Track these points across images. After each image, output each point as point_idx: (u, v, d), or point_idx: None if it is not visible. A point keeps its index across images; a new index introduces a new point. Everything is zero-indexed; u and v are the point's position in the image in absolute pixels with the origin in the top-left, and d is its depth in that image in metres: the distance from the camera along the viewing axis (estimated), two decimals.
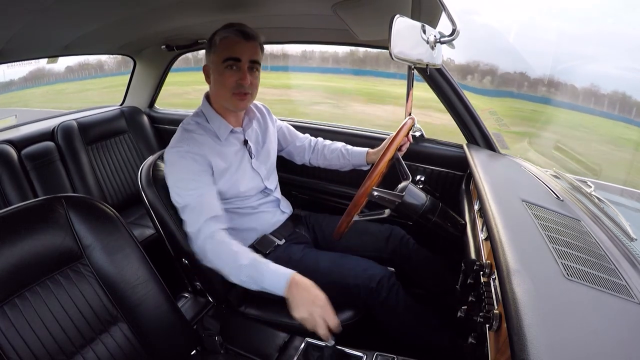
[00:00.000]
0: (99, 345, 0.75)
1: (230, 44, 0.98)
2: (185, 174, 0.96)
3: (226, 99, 1.03)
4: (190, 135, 1.01)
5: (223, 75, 0.99)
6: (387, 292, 1.00)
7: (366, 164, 1.29)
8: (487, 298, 0.67)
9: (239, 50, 0.98)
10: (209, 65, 1.03)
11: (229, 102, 1.04)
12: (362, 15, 1.06)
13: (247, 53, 0.99)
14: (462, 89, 1.35)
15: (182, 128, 1.04)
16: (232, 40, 0.97)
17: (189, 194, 0.94)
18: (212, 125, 1.06)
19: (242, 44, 0.98)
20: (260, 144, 1.18)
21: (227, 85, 1.00)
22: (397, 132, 1.04)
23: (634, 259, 0.72)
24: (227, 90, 1.01)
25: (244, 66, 0.99)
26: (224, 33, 0.98)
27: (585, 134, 3.72)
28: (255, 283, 0.87)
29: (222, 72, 0.99)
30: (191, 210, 0.94)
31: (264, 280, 0.86)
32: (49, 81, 12.12)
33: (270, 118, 1.27)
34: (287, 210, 1.24)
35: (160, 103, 2.31)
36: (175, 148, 0.98)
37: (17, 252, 0.68)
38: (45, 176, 1.63)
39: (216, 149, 1.04)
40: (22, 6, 0.90)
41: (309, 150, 1.35)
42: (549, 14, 7.30)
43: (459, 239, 1.06)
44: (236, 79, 0.99)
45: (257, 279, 0.86)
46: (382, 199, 1.00)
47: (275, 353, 0.92)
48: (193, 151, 0.98)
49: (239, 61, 0.98)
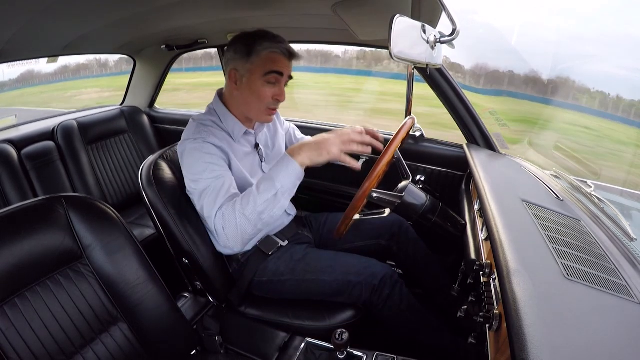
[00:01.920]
0: (99, 345, 0.75)
1: (277, 60, 0.98)
2: (203, 160, 0.95)
3: (258, 111, 1.03)
4: (208, 129, 1.00)
5: (262, 88, 0.99)
6: (390, 290, 1.00)
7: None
8: (487, 298, 0.67)
9: (284, 66, 0.99)
10: (238, 71, 1.00)
11: (259, 115, 1.04)
12: (362, 15, 1.06)
13: (288, 70, 1.00)
14: (461, 89, 1.35)
15: (196, 123, 1.02)
16: (279, 56, 0.98)
17: (209, 176, 0.94)
18: (225, 125, 1.05)
19: (286, 62, 0.99)
20: (270, 148, 1.19)
21: (264, 99, 1.00)
22: (397, 132, 1.04)
23: (634, 259, 0.72)
24: (263, 104, 1.01)
25: (283, 82, 1.01)
26: (271, 46, 0.97)
27: (587, 134, 3.72)
28: (273, 187, 0.86)
29: (261, 84, 0.98)
30: (210, 193, 0.93)
31: (274, 175, 0.87)
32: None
33: (279, 120, 1.27)
34: (292, 213, 1.24)
35: (160, 103, 2.31)
36: (191, 139, 0.97)
37: (17, 252, 0.68)
38: (45, 176, 1.63)
39: (231, 145, 1.03)
40: (22, 6, 0.90)
41: None
42: (551, 12, 7.31)
43: (459, 239, 1.06)
44: (273, 94, 1.00)
45: (269, 185, 0.87)
46: (381, 200, 1.00)
47: (275, 353, 0.92)
48: (210, 141, 0.97)
49: (281, 75, 0.99)
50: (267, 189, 0.87)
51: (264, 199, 0.87)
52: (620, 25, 4.19)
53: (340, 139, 0.84)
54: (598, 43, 4.59)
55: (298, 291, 1.06)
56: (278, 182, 0.86)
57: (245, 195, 0.90)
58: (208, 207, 0.93)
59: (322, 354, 0.86)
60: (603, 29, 4.74)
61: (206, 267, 1.04)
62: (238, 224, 0.89)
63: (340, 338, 0.76)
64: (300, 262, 1.06)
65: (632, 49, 3.56)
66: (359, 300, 1.02)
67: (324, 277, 1.02)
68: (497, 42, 5.75)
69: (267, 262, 1.08)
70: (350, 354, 0.82)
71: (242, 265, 1.09)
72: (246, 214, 0.88)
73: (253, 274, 1.08)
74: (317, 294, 1.04)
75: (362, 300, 1.02)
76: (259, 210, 0.87)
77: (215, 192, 0.92)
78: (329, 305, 1.04)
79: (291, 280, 1.05)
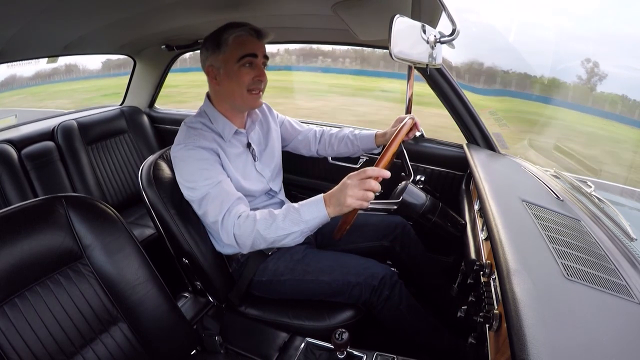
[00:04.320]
0: (99, 345, 0.75)
1: (246, 42, 0.97)
2: (197, 166, 0.95)
3: (242, 97, 1.02)
4: (197, 132, 1.00)
5: (239, 73, 0.98)
6: (389, 290, 1.00)
7: (376, 147, 1.27)
8: (487, 298, 0.67)
9: (255, 47, 0.98)
10: (214, 66, 1.01)
11: (244, 100, 1.03)
12: (362, 15, 1.06)
13: (261, 50, 1.00)
14: (461, 89, 1.35)
15: (186, 126, 1.03)
16: (246, 38, 0.97)
17: (206, 183, 0.93)
18: (215, 125, 1.05)
19: (256, 42, 0.99)
20: (262, 146, 1.18)
21: (244, 83, 0.99)
22: (397, 132, 1.04)
23: (634, 259, 0.72)
24: (243, 88, 1.00)
25: (260, 63, 1.00)
26: (236, 32, 0.97)
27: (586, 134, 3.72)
28: (298, 224, 0.86)
29: (237, 70, 0.98)
30: (212, 199, 0.93)
31: (303, 215, 0.85)
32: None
33: (272, 116, 1.26)
34: None
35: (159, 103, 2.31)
36: (182, 144, 0.97)
37: (17, 252, 0.68)
38: (45, 176, 1.63)
39: (222, 145, 1.03)
40: (22, 6, 0.90)
41: (314, 141, 1.34)
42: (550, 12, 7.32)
43: (459, 239, 1.06)
44: (252, 76, 0.99)
45: (296, 219, 0.86)
46: (375, 210, 0.99)
47: (275, 353, 0.92)
48: (202, 145, 0.97)
49: (255, 57, 0.99)
50: (292, 223, 0.86)
51: (285, 232, 0.87)
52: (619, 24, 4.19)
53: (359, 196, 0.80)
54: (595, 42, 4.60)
55: (298, 291, 1.06)
56: (304, 222, 0.86)
57: (270, 217, 0.88)
58: (214, 213, 0.92)
59: (322, 354, 0.86)
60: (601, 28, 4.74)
61: (206, 267, 1.04)
62: (254, 238, 0.89)
63: (340, 338, 0.76)
64: (300, 263, 1.06)
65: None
66: (359, 300, 1.02)
67: (324, 277, 1.02)
68: (492, 40, 5.77)
69: (266, 262, 1.08)
70: (350, 354, 0.82)
71: (242, 265, 1.09)
72: (264, 234, 0.88)
73: (253, 274, 1.08)
74: (317, 294, 1.05)
75: (361, 301, 1.02)
76: (278, 239, 0.88)
77: (220, 197, 0.92)
78: (329, 305, 1.04)
79: (291, 280, 1.05)
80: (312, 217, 0.85)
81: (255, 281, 1.08)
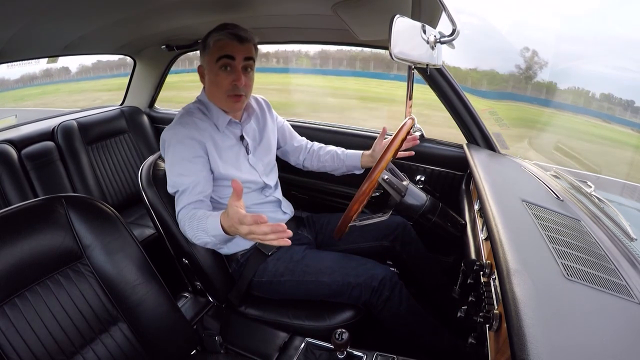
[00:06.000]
0: (99, 345, 0.75)
1: (225, 45, 0.98)
2: (180, 156, 0.97)
3: (221, 100, 1.04)
4: (191, 119, 1.02)
5: (218, 76, 1.00)
6: (389, 291, 1.00)
7: (360, 168, 1.28)
8: (487, 298, 0.67)
9: (234, 50, 0.98)
10: (203, 66, 1.05)
11: (224, 103, 1.05)
12: (362, 15, 1.06)
13: (241, 53, 0.99)
14: (462, 89, 1.35)
15: (184, 111, 1.06)
16: (226, 41, 0.98)
17: (182, 175, 0.96)
18: (210, 115, 1.06)
19: (236, 45, 0.99)
20: (257, 141, 1.18)
21: (222, 86, 1.01)
22: (397, 132, 1.04)
23: (634, 259, 0.72)
24: (222, 92, 1.02)
25: (239, 66, 1.00)
26: (217, 35, 0.99)
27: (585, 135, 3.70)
28: (206, 233, 0.86)
29: (216, 72, 1.00)
30: (181, 192, 0.96)
31: (208, 228, 0.85)
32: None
33: (270, 113, 1.26)
34: (289, 211, 1.23)
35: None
36: (174, 129, 1.00)
37: (17, 252, 0.68)
38: (45, 176, 1.63)
39: (214, 137, 1.04)
40: (22, 6, 0.90)
41: (304, 151, 1.34)
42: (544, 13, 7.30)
43: (459, 239, 1.06)
44: (231, 81, 1.00)
45: (204, 228, 0.86)
46: (364, 227, 1.04)
47: (275, 353, 0.92)
48: (191, 135, 0.99)
49: (233, 60, 0.99)
50: (203, 234, 0.86)
51: (201, 240, 0.88)
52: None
53: (257, 232, 0.73)
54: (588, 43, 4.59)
55: (297, 292, 1.06)
56: (212, 236, 0.85)
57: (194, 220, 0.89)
58: (177, 204, 0.96)
59: (322, 354, 0.86)
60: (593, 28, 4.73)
61: (206, 267, 1.04)
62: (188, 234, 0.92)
63: (340, 338, 0.76)
64: (300, 263, 1.06)
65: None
66: (359, 301, 1.02)
67: (323, 278, 1.02)
68: (485, 41, 5.76)
69: (266, 263, 1.08)
70: (350, 354, 0.83)
71: (242, 265, 1.09)
72: (190, 236, 0.90)
73: (252, 274, 1.08)
74: (317, 295, 1.05)
75: (361, 301, 1.02)
76: (200, 243, 0.89)
77: (186, 192, 0.95)
78: (329, 305, 1.04)
79: (290, 281, 1.05)
80: (214, 232, 0.84)
81: (255, 281, 1.08)
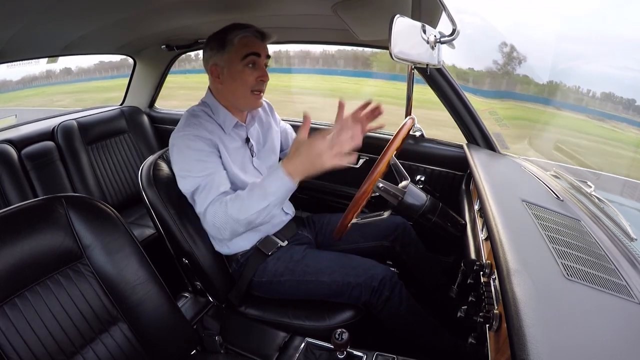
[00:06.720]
0: (99, 345, 0.75)
1: (250, 42, 0.99)
2: (194, 157, 0.95)
3: (245, 97, 1.03)
4: (198, 120, 1.01)
5: (243, 73, 1.00)
6: (389, 291, 1.00)
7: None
8: (487, 298, 0.67)
9: (259, 47, 1.00)
10: (218, 65, 1.02)
11: (246, 101, 1.05)
12: (362, 15, 1.06)
13: (264, 50, 1.02)
14: (462, 89, 1.35)
15: (188, 114, 1.04)
16: (251, 39, 1.00)
17: (199, 175, 0.94)
18: (216, 117, 1.06)
19: (259, 43, 1.01)
20: (261, 144, 1.18)
21: (247, 83, 1.01)
22: (397, 132, 1.04)
23: (634, 259, 0.72)
24: (247, 88, 1.02)
25: (262, 63, 1.02)
26: (242, 33, 0.99)
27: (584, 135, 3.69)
28: (266, 198, 0.86)
29: (241, 69, 1.00)
30: (201, 190, 0.94)
31: (271, 191, 0.85)
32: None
33: (273, 116, 1.26)
34: (290, 211, 1.24)
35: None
36: (182, 132, 0.98)
37: (17, 252, 0.68)
38: (45, 176, 1.63)
39: (222, 138, 1.04)
40: (22, 6, 0.90)
41: None
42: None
43: (459, 239, 1.06)
44: (256, 77, 1.01)
45: (262, 194, 0.86)
46: (362, 225, 1.03)
47: (275, 353, 0.92)
48: (201, 135, 0.97)
49: (259, 57, 1.00)
50: (260, 199, 0.86)
51: (255, 209, 0.87)
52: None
53: (332, 150, 0.79)
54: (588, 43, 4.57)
55: (297, 292, 1.06)
56: (271, 194, 0.86)
57: (237, 199, 0.90)
58: (200, 204, 0.95)
59: (322, 354, 0.86)
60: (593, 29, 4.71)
61: (206, 267, 1.04)
62: (230, 223, 0.90)
63: (340, 338, 0.76)
64: (300, 263, 1.06)
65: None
66: (359, 301, 1.02)
67: (323, 278, 1.02)
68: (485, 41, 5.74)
69: (266, 263, 1.08)
70: (350, 354, 0.83)
71: (242, 265, 1.09)
72: (235, 217, 0.89)
73: (252, 274, 1.08)
74: (317, 295, 1.05)
75: (361, 301, 1.02)
76: (250, 218, 0.88)
77: (207, 189, 0.93)
78: (329, 305, 1.04)
79: (290, 281, 1.05)
80: (276, 187, 0.85)
81: (255, 281, 1.08)
